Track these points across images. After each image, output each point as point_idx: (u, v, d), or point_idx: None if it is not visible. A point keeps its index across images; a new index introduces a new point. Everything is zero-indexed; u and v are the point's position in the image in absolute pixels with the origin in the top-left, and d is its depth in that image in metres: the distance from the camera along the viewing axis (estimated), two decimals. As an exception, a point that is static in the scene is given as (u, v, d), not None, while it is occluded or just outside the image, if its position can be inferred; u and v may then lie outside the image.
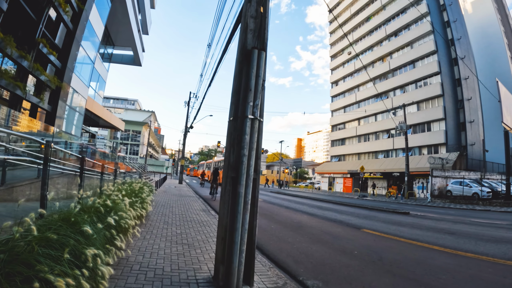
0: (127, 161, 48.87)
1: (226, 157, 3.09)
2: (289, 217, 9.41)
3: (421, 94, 33.26)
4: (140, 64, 30.59)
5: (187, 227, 6.01)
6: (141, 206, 5.44)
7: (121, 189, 5.27)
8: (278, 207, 11.98)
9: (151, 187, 9.74)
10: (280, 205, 13.14)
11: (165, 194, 13.38)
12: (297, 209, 11.92)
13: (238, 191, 2.83)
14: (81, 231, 2.41)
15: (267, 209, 10.98)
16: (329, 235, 6.79)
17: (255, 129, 2.99)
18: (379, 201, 21.86)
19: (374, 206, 14.59)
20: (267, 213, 9.87)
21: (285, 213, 10.35)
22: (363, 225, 8.47)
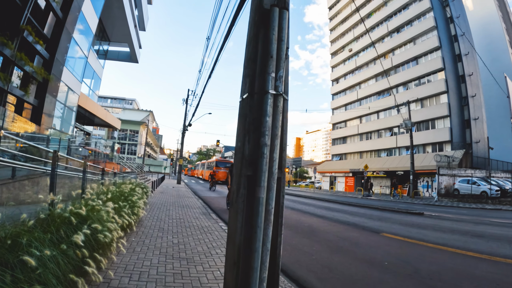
0: (125, 161, 47.98)
1: (238, 149, 2.25)
2: (298, 220, 8.58)
3: (425, 91, 32.52)
4: (137, 61, 29.69)
5: (186, 235, 5.17)
6: (131, 212, 4.59)
7: (106, 192, 4.42)
8: (284, 209, 11.13)
9: (146, 188, 8.90)
10: (285, 206, 12.30)
11: (162, 195, 12.53)
12: (304, 210, 11.10)
13: (258, 195, 2.00)
14: (22, 261, 1.56)
15: (273, 211, 10.14)
16: (348, 241, 5.97)
17: (279, 109, 2.16)
18: (385, 201, 21.09)
19: (384, 207, 13.79)
20: (273, 215, 9.04)
21: (293, 215, 9.52)
22: (380, 228, 7.66)
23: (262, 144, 2.03)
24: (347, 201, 17.74)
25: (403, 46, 36.88)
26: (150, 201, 9.75)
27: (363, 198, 24.59)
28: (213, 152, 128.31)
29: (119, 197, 4.66)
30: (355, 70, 43.54)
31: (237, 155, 2.26)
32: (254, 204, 2.01)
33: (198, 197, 13.17)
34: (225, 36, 10.43)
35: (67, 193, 3.89)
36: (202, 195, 14.96)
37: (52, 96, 12.51)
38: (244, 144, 2.14)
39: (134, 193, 5.48)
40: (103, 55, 25.75)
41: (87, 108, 18.41)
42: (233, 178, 2.26)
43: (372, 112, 38.42)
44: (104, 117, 20.86)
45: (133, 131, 67.44)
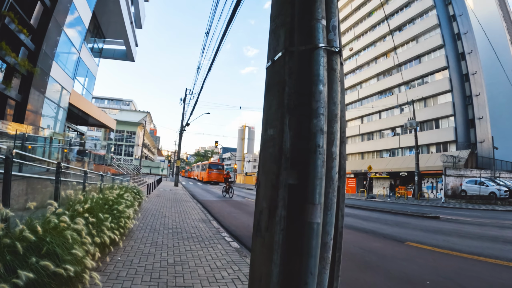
0: (122, 163, 46.98)
1: (270, 139, 1.38)
2: (309, 227, 7.73)
3: (428, 89, 31.83)
4: (133, 59, 28.77)
5: (184, 251, 4.30)
6: (116, 225, 3.72)
7: (84, 201, 3.54)
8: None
9: (139, 192, 8.02)
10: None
11: (158, 199, 11.63)
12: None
13: (310, 219, 1.14)
14: None
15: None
16: (374, 254, 5.12)
17: (337, 75, 1.32)
18: (391, 203, 20.27)
19: (395, 210, 12.96)
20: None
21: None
22: (403, 236, 6.84)
23: (315, 131, 1.18)
24: (354, 203, 16.90)
25: (406, 45, 36.23)
26: (144, 206, 8.87)
27: (368, 200, 23.78)
28: (211, 154, 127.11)
29: (101, 207, 3.78)
30: (356, 70, 42.83)
31: (267, 150, 1.39)
32: (303, 234, 1.15)
33: (196, 201, 12.28)
34: (225, 27, 9.60)
35: (31, 203, 3.00)
36: (201, 199, 14.07)
37: (40, 92, 11.60)
38: (282, 131, 1.27)
39: (122, 200, 4.59)
40: (98, 52, 24.83)
41: (80, 107, 17.47)
42: (260, 188, 1.40)
43: (374, 112, 37.69)
44: (98, 117, 19.92)
45: (130, 132, 66.44)
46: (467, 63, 32.83)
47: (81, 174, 5.43)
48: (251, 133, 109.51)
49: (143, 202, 8.68)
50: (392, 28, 37.81)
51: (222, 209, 10.51)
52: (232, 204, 12.30)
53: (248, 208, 11.19)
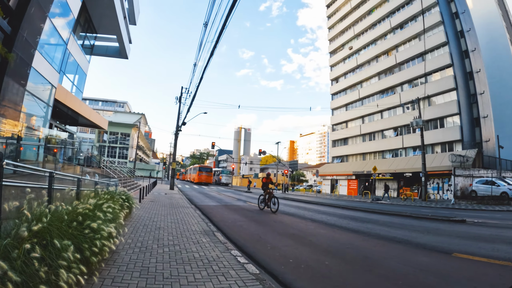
0: (115, 165, 45.49)
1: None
2: (333, 238, 6.52)
3: (432, 88, 30.97)
4: (127, 57, 27.43)
5: (185, 283, 3.07)
6: (87, 251, 2.49)
7: (35, 218, 2.31)
8: (304, 221, 9.07)
9: (129, 199, 6.77)
10: (303, 217, 10.23)
11: (152, 205, 10.36)
12: (328, 222, 9.05)
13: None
14: None
15: (294, 226, 8.08)
16: (427, 272, 3.95)
17: None
18: (401, 205, 19.16)
19: (416, 214, 11.80)
20: (299, 233, 6.96)
21: (321, 230, 7.46)
22: (445, 246, 5.75)
23: None
24: (363, 206, 15.76)
25: (408, 43, 35.41)
26: (136, 214, 7.61)
27: (373, 202, 22.69)
28: (206, 156, 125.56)
29: (65, 226, 2.55)
30: (356, 69, 41.93)
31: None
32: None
33: (195, 207, 11.02)
34: (227, 13, 8.46)
35: None
36: (200, 204, 12.81)
37: (19, 85, 10.29)
38: None
39: (100, 213, 3.35)
40: (89, 48, 23.50)
41: (69, 105, 16.10)
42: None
43: (375, 111, 36.75)
44: (89, 116, 18.57)
45: (124, 134, 64.77)
46: (471, 61, 32.13)
47: (53, 177, 4.17)
48: (247, 134, 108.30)
49: (134, 209, 7.42)
50: (393, 25, 37.01)
51: (225, 216, 9.28)
52: (234, 210, 11.07)
53: (253, 215, 9.97)
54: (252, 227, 7.36)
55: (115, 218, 3.79)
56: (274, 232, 6.85)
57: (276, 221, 8.65)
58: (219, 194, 22.33)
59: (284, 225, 7.98)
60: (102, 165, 12.55)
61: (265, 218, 9.29)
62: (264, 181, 11.55)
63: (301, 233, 6.83)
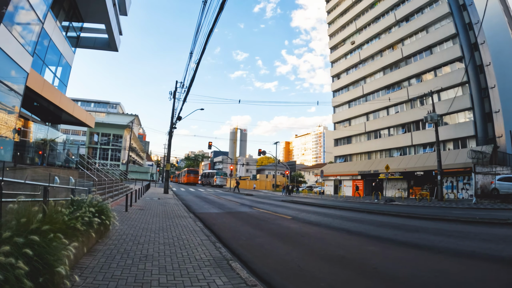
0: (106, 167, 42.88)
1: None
2: (401, 261, 4.48)
3: (442, 82, 29.28)
4: (117, 49, 25.15)
5: None
6: None
7: None
8: (338, 234, 7.03)
9: (105, 211, 4.69)
10: (331, 227, 8.17)
11: (141, 214, 8.24)
12: (369, 233, 7.02)
13: None
14: None
15: (332, 241, 6.02)
16: None
17: None
18: (421, 206, 17.25)
19: (456, 217, 9.85)
20: (348, 254, 4.89)
21: (371, 247, 5.40)
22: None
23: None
24: (386, 210, 13.76)
25: (414, 36, 33.73)
26: (117, 231, 5.52)
27: (387, 204, 20.78)
28: (201, 158, 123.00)
29: None
30: (359, 64, 40.16)
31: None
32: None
33: (194, 216, 8.92)
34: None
35: None
36: (199, 212, 10.69)
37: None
38: None
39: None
40: (75, 38, 21.27)
41: (46, 96, 13.77)
42: None
43: (381, 108, 34.98)
44: (71, 111, 16.27)
45: (116, 136, 62.11)
46: (480, 54, 30.61)
47: None
48: (243, 135, 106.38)
49: (114, 224, 5.32)
50: (398, 18, 35.35)
51: (235, 229, 7.19)
52: (242, 220, 8.99)
53: (269, 226, 7.91)
54: (278, 247, 5.30)
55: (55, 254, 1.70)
56: (313, 254, 4.82)
57: (304, 235, 6.60)
58: (218, 198, 20.22)
59: (318, 241, 5.94)
60: (83, 166, 10.48)
61: (286, 230, 7.23)
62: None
63: (351, 255, 4.80)
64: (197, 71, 10.93)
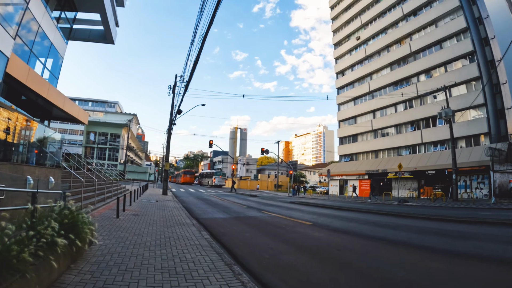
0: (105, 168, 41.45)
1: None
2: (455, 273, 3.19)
3: (453, 77, 28.00)
4: (113, 42, 23.73)
5: None
6: None
7: None
8: (380, 245, 5.71)
9: (79, 226, 3.35)
10: (364, 235, 6.87)
11: (135, 221, 6.91)
12: (414, 243, 5.71)
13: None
14: None
15: (379, 257, 4.71)
16: None
17: None
18: (436, 207, 15.96)
19: (487, 219, 8.54)
20: (417, 279, 3.58)
21: (434, 263, 4.08)
22: None
23: None
24: (402, 211, 12.42)
25: (423, 30, 32.46)
26: (103, 246, 4.18)
27: (401, 205, 19.50)
28: (200, 158, 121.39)
29: None
30: (365, 60, 38.87)
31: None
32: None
33: (198, 224, 7.59)
34: None
35: None
36: (204, 217, 9.33)
37: None
38: None
39: None
40: (68, 28, 19.89)
41: (31, 86, 12.38)
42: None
43: (388, 104, 33.71)
44: (62, 105, 14.87)
45: (114, 135, 60.62)
46: (491, 48, 29.35)
47: None
48: (243, 134, 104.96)
49: (94, 238, 3.97)
50: (406, 12, 34.08)
51: (250, 241, 5.85)
52: (256, 228, 7.65)
53: (291, 236, 6.58)
54: (316, 269, 3.96)
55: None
56: (369, 279, 3.50)
57: (340, 248, 5.28)
58: (221, 199, 18.87)
59: (362, 258, 4.62)
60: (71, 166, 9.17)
61: (313, 242, 5.91)
62: None
63: (418, 277, 3.49)
64: (203, 47, 9.57)
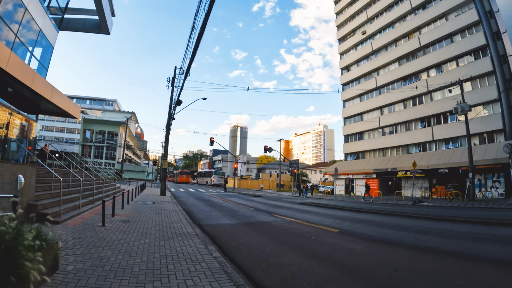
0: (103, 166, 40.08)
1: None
2: None
3: (465, 71, 26.67)
4: (108, 32, 22.35)
5: None
6: None
7: None
8: (457, 263, 4.37)
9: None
10: (421, 248, 5.53)
11: (124, 229, 5.56)
12: (479, 256, 4.39)
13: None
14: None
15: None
16: None
17: None
18: (456, 207, 14.64)
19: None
20: None
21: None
22: None
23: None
24: (425, 212, 11.08)
25: (432, 24, 31.11)
26: (73, 273, 2.83)
27: (416, 205, 18.18)
28: (200, 157, 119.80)
29: None
30: (371, 55, 37.49)
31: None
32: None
33: (203, 232, 6.22)
34: None
35: None
36: (207, 223, 7.96)
37: None
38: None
39: None
40: (60, 16, 18.49)
41: (13, 73, 10.91)
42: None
43: (396, 101, 32.38)
44: (49, 96, 13.39)
45: (111, 134, 59.06)
46: (503, 42, 28.05)
47: None
48: (243, 133, 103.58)
49: (46, 280, 2.63)
50: (414, 6, 32.72)
51: (274, 259, 4.47)
52: (274, 237, 6.29)
53: (322, 249, 5.25)
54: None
55: None
56: None
57: (396, 268, 3.93)
58: (224, 200, 17.50)
59: (435, 282, 3.27)
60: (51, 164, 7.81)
61: (354, 258, 4.56)
62: None
63: None
64: (207, 21, 8.18)
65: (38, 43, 15.60)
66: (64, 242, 4.33)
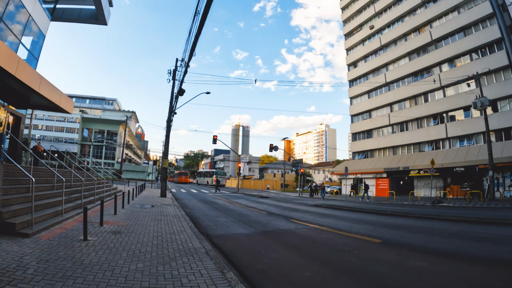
0: (102, 166, 38.82)
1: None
2: None
3: (480, 65, 25.29)
4: (105, 22, 21.06)
5: None
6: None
7: None
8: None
9: None
10: (494, 261, 4.20)
11: (111, 246, 4.26)
12: None
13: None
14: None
15: None
16: None
17: None
18: (481, 208, 13.29)
19: None
20: None
21: None
22: None
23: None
24: (468, 215, 9.77)
25: (444, 17, 29.74)
26: None
27: (435, 206, 16.85)
28: (201, 157, 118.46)
29: None
30: (379, 50, 36.14)
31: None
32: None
33: (214, 249, 4.92)
34: None
35: None
36: (217, 233, 6.63)
37: None
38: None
39: None
40: (53, 4, 17.20)
41: (7, 68, 9.66)
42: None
43: (407, 97, 31.05)
44: (37, 87, 11.97)
45: (111, 133, 57.76)
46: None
47: None
48: (245, 132, 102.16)
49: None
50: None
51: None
52: (309, 254, 4.95)
53: (376, 269, 3.94)
54: None
55: None
56: None
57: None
58: (230, 202, 16.17)
59: None
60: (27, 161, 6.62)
61: (437, 284, 3.23)
62: None
63: None
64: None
65: (28, 30, 14.29)
66: (22, 269, 3.02)
